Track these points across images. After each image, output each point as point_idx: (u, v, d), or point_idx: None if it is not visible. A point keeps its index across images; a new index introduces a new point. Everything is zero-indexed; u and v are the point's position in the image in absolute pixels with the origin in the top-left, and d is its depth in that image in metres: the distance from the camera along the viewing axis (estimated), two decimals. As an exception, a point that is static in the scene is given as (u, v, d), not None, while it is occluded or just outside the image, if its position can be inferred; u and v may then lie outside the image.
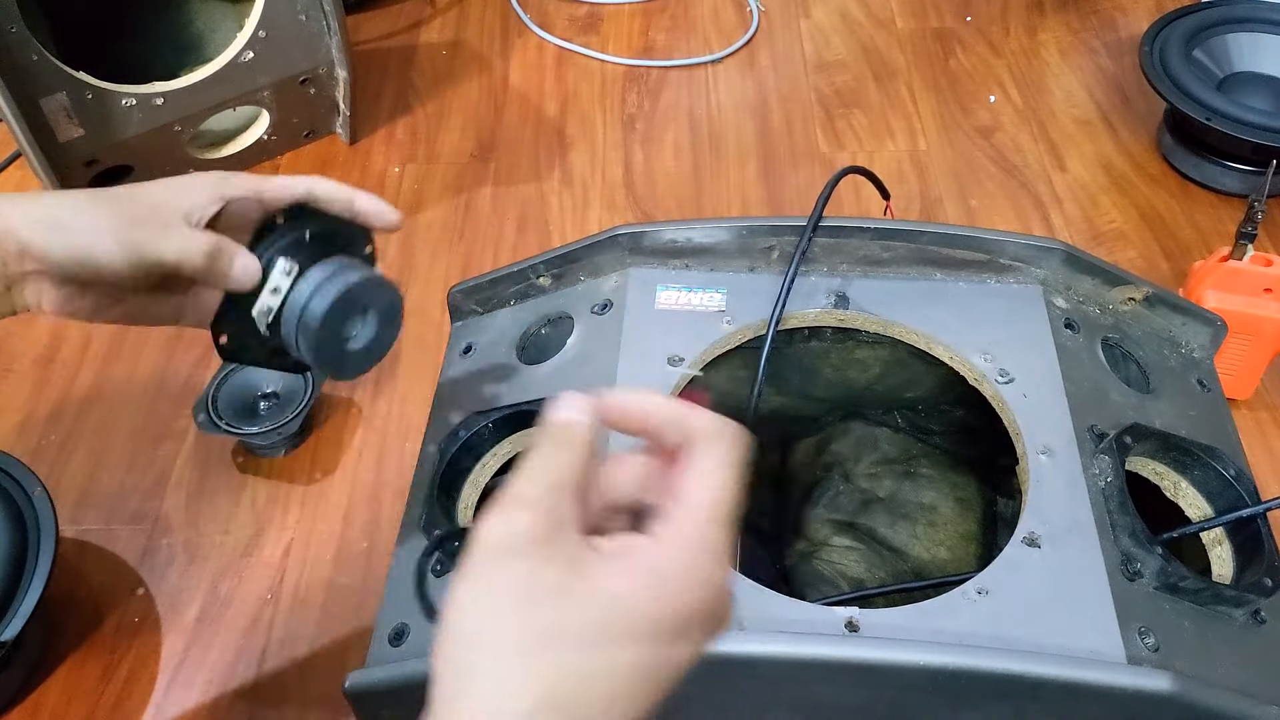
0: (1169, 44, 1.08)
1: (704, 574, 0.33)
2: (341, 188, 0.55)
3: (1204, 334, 0.68)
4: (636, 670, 0.33)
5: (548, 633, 0.32)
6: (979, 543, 0.70)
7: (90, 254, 0.49)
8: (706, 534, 0.34)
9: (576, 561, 0.33)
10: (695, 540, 0.33)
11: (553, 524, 0.33)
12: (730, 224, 0.66)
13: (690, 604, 0.33)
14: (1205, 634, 0.52)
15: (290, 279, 0.51)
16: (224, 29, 1.11)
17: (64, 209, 0.50)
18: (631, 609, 0.33)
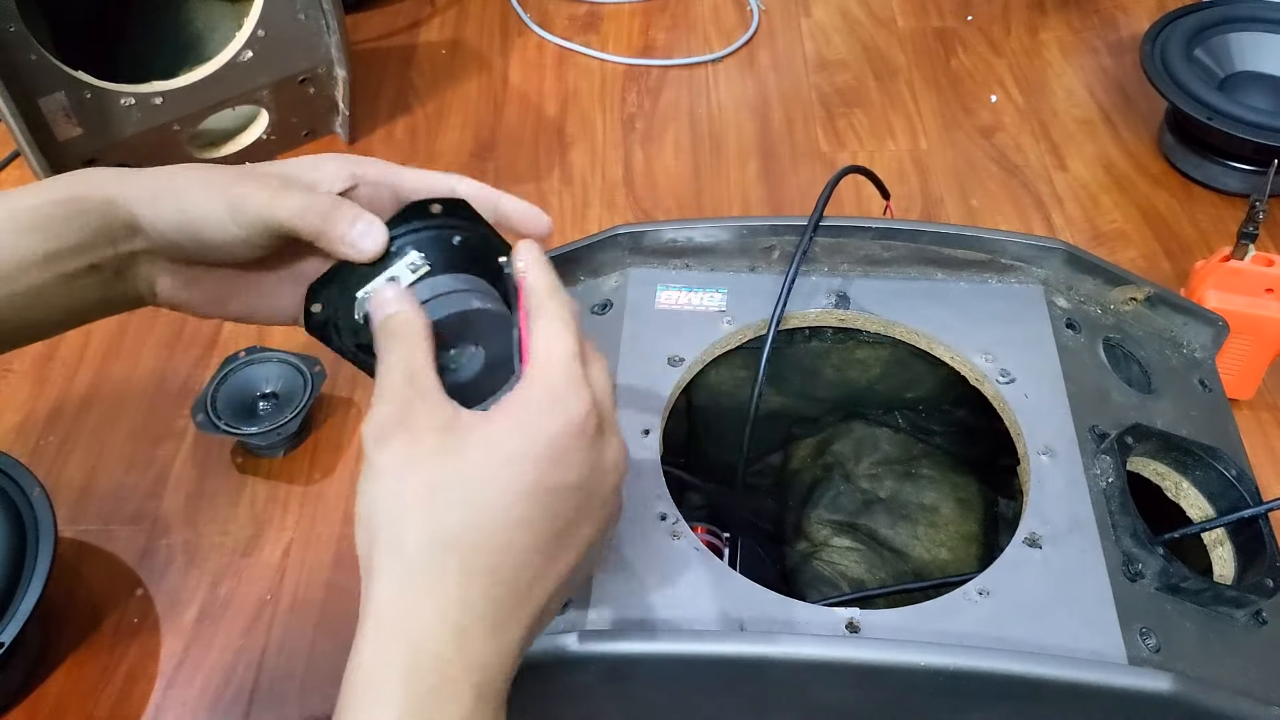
0: (1170, 43, 1.08)
1: (556, 398, 0.38)
2: (485, 188, 0.49)
3: (1205, 334, 0.68)
4: (520, 500, 0.37)
5: (431, 484, 0.37)
6: (980, 543, 0.70)
7: (201, 220, 0.45)
8: (552, 372, 0.39)
9: (445, 423, 0.38)
10: (544, 379, 0.39)
11: (413, 404, 0.39)
12: (730, 224, 0.66)
13: (553, 429, 0.38)
14: (1207, 635, 0.52)
15: (415, 275, 0.45)
16: (223, 28, 1.11)
17: (175, 177, 0.46)
18: (500, 445, 0.37)
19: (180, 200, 0.45)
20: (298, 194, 0.45)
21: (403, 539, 0.37)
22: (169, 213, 0.45)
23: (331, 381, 0.92)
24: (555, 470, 0.38)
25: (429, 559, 0.36)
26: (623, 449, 0.41)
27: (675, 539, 0.53)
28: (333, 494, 0.85)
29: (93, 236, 0.44)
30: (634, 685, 0.52)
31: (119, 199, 0.45)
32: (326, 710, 0.72)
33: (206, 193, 0.45)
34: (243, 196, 0.44)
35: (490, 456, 0.38)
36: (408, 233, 0.45)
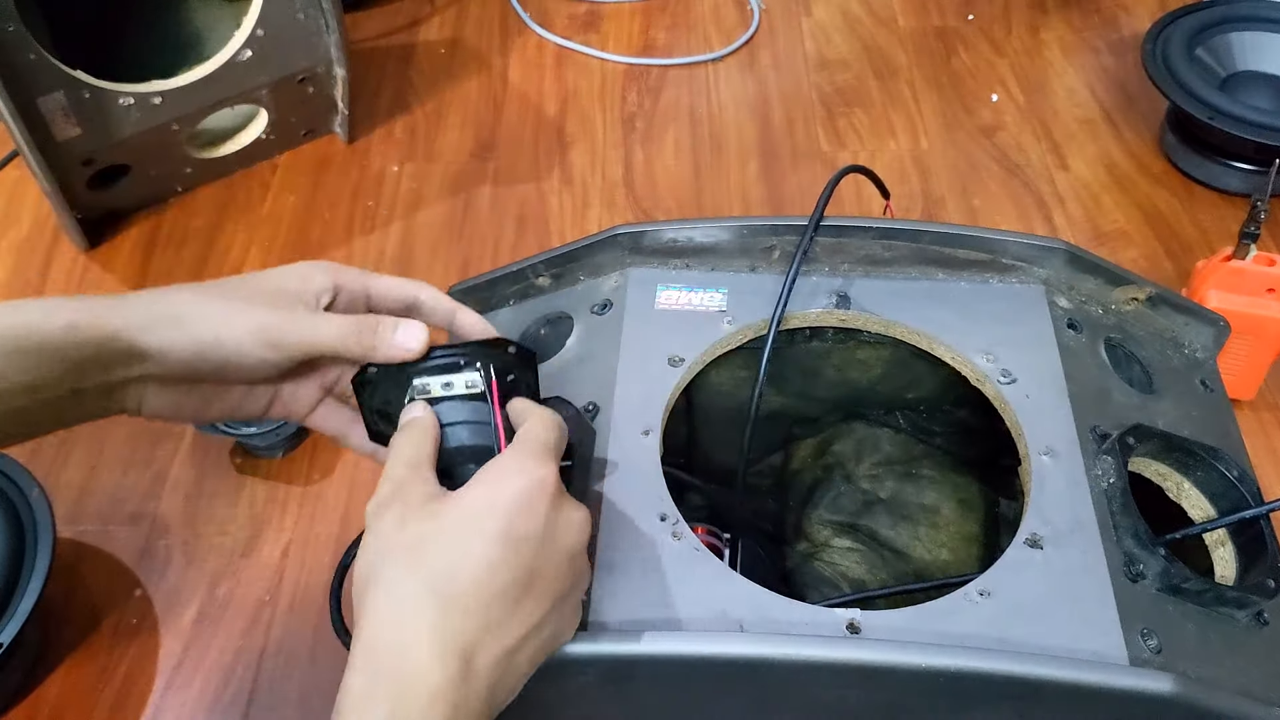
0: (1171, 43, 1.08)
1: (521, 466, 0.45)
2: (444, 299, 0.54)
3: (1207, 334, 0.67)
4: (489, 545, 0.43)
5: (420, 540, 0.43)
6: (981, 544, 0.70)
7: (219, 346, 0.48)
8: (522, 448, 0.46)
9: (433, 494, 0.45)
10: (516, 452, 0.46)
11: (409, 483, 0.46)
12: (731, 223, 0.66)
13: (516, 486, 0.44)
14: (1208, 635, 0.52)
15: (466, 391, 0.50)
16: (222, 28, 1.11)
17: (182, 304, 0.48)
18: (474, 502, 0.44)
19: (196, 330, 0.48)
20: (335, 320, 0.50)
21: (392, 582, 0.43)
22: (183, 341, 0.48)
23: (331, 381, 0.92)
24: (519, 520, 0.44)
25: (414, 598, 0.42)
26: (586, 517, 0.47)
27: (675, 539, 0.53)
28: (331, 495, 0.85)
29: (85, 368, 0.47)
30: (634, 685, 0.52)
31: (122, 331, 0.47)
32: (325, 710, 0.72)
33: (229, 323, 0.48)
34: (278, 328, 0.49)
35: (465, 512, 0.44)
36: (480, 357, 0.50)
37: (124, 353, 0.47)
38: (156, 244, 1.05)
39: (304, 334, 0.49)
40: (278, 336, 0.49)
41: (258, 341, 0.48)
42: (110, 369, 0.47)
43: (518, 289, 0.69)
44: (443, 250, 1.05)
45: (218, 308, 0.48)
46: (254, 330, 0.48)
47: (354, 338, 0.50)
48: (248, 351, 0.48)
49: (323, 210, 1.09)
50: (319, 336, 0.49)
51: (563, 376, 0.62)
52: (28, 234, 1.07)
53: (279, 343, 0.49)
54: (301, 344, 0.49)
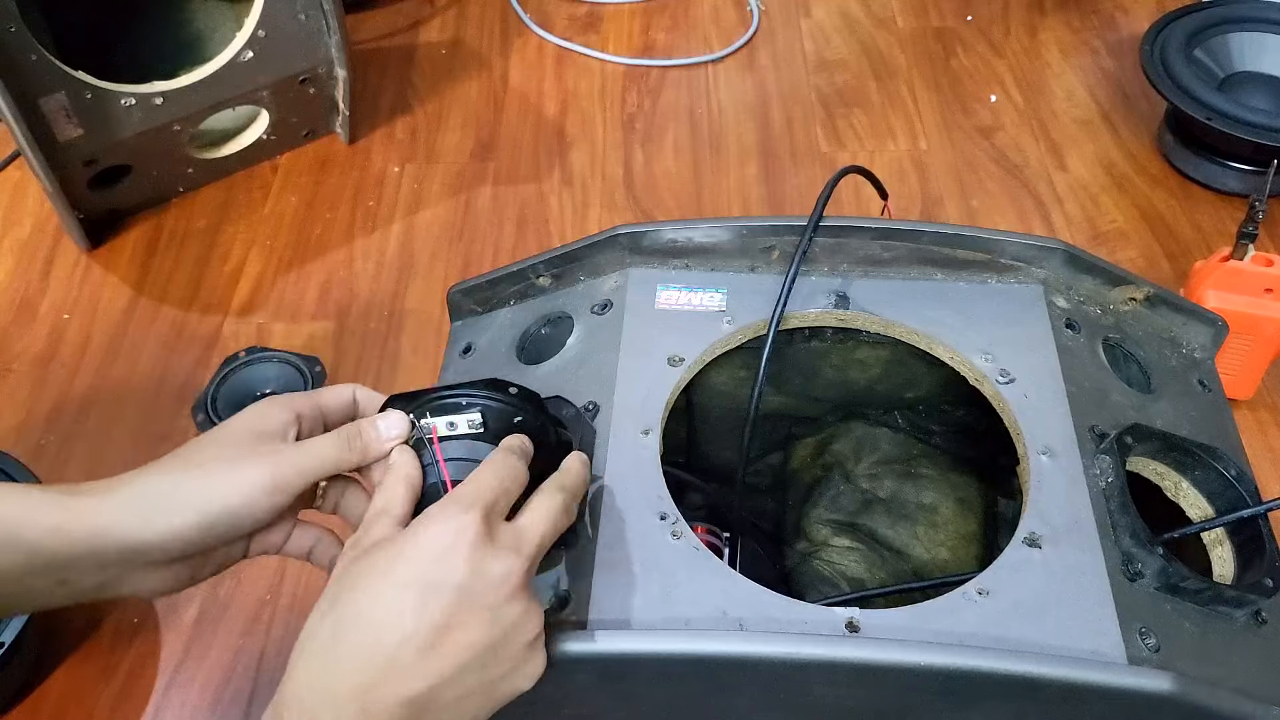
0: (1170, 43, 1.08)
1: (443, 514, 0.45)
2: (374, 395, 0.55)
3: (1205, 334, 0.68)
4: (395, 591, 0.43)
5: (341, 584, 0.44)
6: (980, 543, 0.70)
7: (228, 513, 0.48)
8: (450, 498, 0.46)
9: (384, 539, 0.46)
10: (444, 502, 0.46)
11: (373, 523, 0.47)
12: (730, 224, 0.66)
13: (432, 530, 0.44)
14: (1206, 634, 0.52)
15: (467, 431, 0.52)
16: (223, 28, 1.11)
17: (173, 484, 0.48)
18: (392, 546, 0.44)
19: (199, 504, 0.47)
20: (324, 441, 0.51)
21: (309, 628, 0.45)
22: (189, 521, 0.47)
23: (331, 381, 0.92)
24: (432, 567, 0.43)
25: (320, 638, 0.44)
26: (513, 568, 0.45)
27: (675, 539, 0.53)
28: (333, 494, 0.85)
29: (76, 565, 0.46)
30: (634, 684, 0.52)
31: (112, 528, 0.46)
32: (326, 710, 0.72)
33: (232, 486, 0.48)
34: (278, 472, 0.49)
35: (387, 556, 0.44)
36: (482, 399, 0.51)
37: (117, 548, 0.46)
38: (158, 244, 1.06)
39: (303, 465, 0.50)
40: (281, 481, 0.49)
41: (264, 491, 0.48)
42: (105, 566, 0.47)
43: (518, 289, 0.69)
44: (443, 250, 1.05)
45: (214, 476, 0.48)
46: (257, 482, 0.48)
47: (347, 448, 0.51)
48: (258, 503, 0.48)
49: (323, 211, 1.09)
50: (319, 461, 0.50)
51: (563, 376, 0.62)
52: (29, 234, 1.07)
53: (284, 485, 0.49)
54: (304, 475, 0.50)
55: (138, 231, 1.07)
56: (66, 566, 0.46)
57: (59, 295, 1.01)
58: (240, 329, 0.98)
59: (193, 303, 1.00)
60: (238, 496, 0.48)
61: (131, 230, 1.07)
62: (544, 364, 0.64)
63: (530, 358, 0.65)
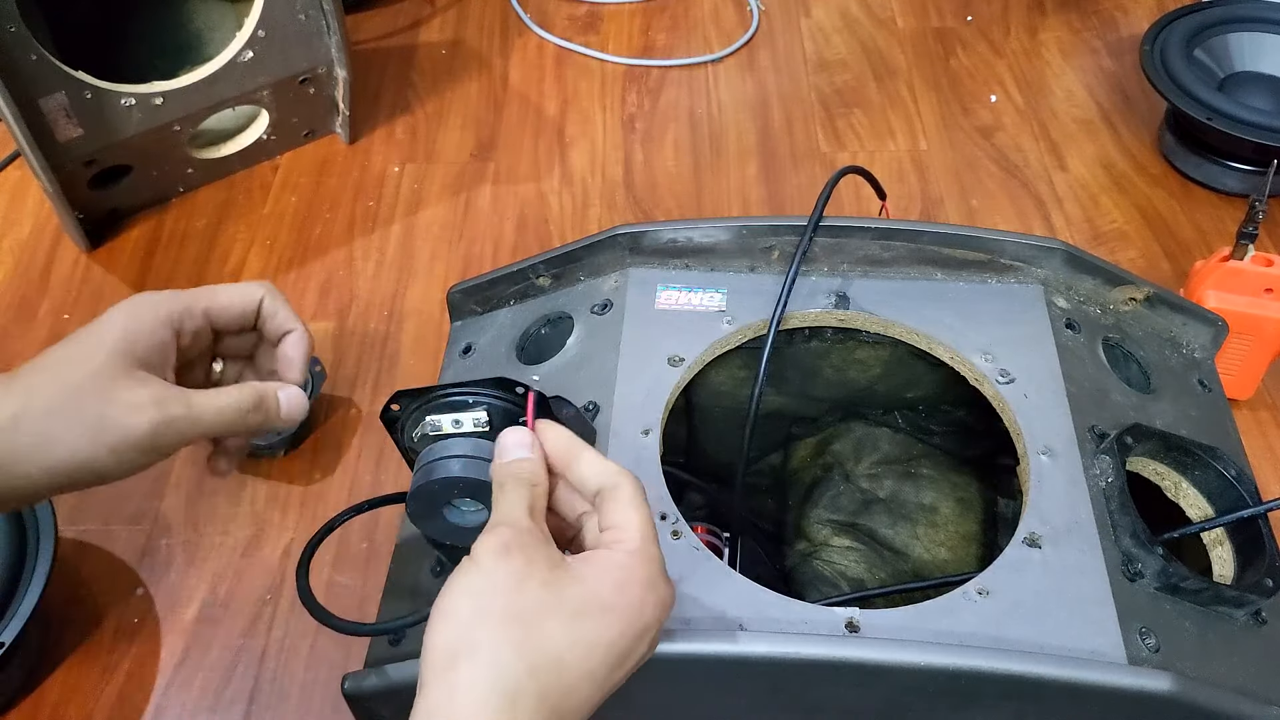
0: (1170, 43, 1.08)
1: (654, 579, 0.42)
2: (282, 307, 0.52)
3: (1205, 334, 0.68)
4: (603, 645, 0.40)
5: (535, 612, 0.39)
6: (980, 543, 0.70)
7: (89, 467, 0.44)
8: (649, 549, 0.42)
9: (556, 563, 0.41)
10: (644, 554, 0.42)
11: (534, 536, 0.42)
12: (730, 224, 0.66)
13: (647, 601, 0.41)
14: (1206, 634, 0.52)
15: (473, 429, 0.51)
16: (223, 28, 1.11)
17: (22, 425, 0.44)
18: (599, 595, 0.40)
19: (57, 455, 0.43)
20: (213, 402, 0.46)
21: (500, 651, 0.38)
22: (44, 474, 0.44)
23: (331, 381, 0.92)
24: (636, 641, 0.41)
25: (518, 681, 0.38)
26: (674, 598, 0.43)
27: (675, 539, 0.53)
28: (333, 494, 0.85)
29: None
30: (634, 685, 0.52)
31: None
32: (325, 710, 0.72)
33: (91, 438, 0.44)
34: (153, 430, 0.44)
35: (592, 606, 0.40)
36: (488, 397, 0.51)
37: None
38: (158, 244, 1.06)
39: (188, 429, 0.45)
40: (161, 442, 0.44)
41: (140, 450, 0.44)
42: None
43: (518, 289, 0.69)
44: (443, 250, 1.05)
45: (86, 413, 0.44)
46: (133, 440, 0.44)
47: (241, 419, 0.47)
48: (129, 463, 0.44)
49: (323, 210, 1.09)
50: (201, 424, 0.46)
51: (563, 376, 0.62)
52: (29, 234, 1.07)
53: (162, 446, 0.45)
54: (186, 438, 0.45)
55: (138, 231, 1.07)
56: None
57: (59, 295, 1.01)
58: (240, 329, 0.98)
59: (193, 303, 1.00)
60: (107, 453, 0.44)
61: (131, 230, 1.07)
62: (544, 364, 0.64)
63: (530, 358, 0.65)
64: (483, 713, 0.37)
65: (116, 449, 0.44)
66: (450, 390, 0.52)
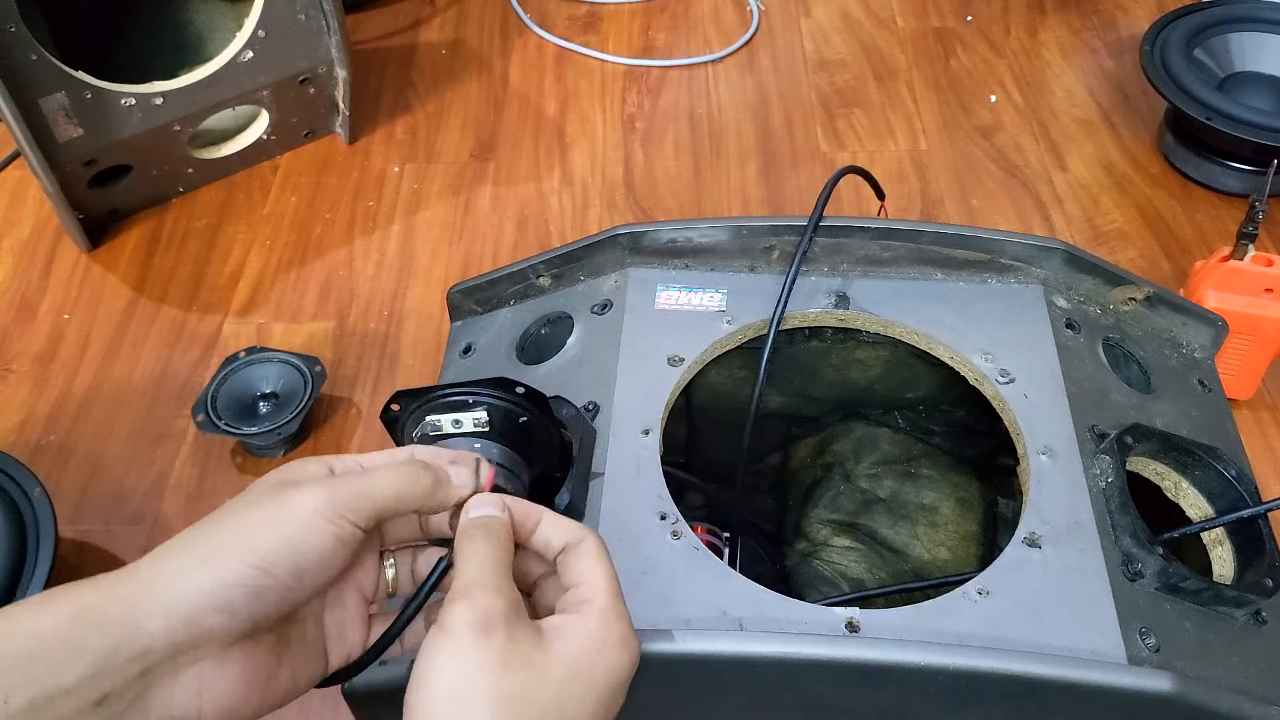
0: (1170, 43, 1.08)
1: (625, 635, 0.42)
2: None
3: (1205, 334, 0.68)
4: (588, 711, 0.40)
5: (526, 693, 0.38)
6: (980, 543, 0.70)
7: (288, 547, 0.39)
8: (618, 606, 0.42)
9: (536, 635, 0.40)
10: (614, 612, 0.42)
11: (512, 605, 0.40)
12: (730, 224, 0.66)
13: (622, 660, 0.42)
14: (1206, 634, 0.52)
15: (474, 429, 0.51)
16: (223, 28, 1.11)
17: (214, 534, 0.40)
18: (580, 665, 0.40)
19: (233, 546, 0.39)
20: (385, 469, 0.43)
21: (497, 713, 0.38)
22: (224, 568, 0.38)
23: (331, 382, 0.92)
24: (616, 699, 0.42)
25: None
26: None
27: (675, 539, 0.53)
28: (333, 494, 0.85)
29: (105, 662, 0.35)
30: (633, 685, 0.52)
31: (145, 596, 0.37)
32: (325, 710, 0.72)
33: (276, 515, 0.40)
34: (332, 491, 0.41)
35: (575, 678, 0.40)
36: (489, 397, 0.51)
37: (163, 618, 0.36)
38: (158, 244, 1.06)
39: (366, 490, 0.41)
40: (341, 504, 0.41)
41: (323, 516, 0.40)
42: (148, 656, 0.36)
43: (518, 289, 0.69)
44: (443, 250, 1.05)
45: (260, 510, 0.40)
46: (312, 507, 0.40)
47: (416, 478, 0.43)
48: (319, 531, 0.40)
49: (323, 211, 1.09)
50: (387, 487, 0.42)
51: (563, 376, 0.62)
52: (29, 234, 1.07)
53: (345, 510, 0.41)
54: (370, 500, 0.41)
55: (138, 231, 1.07)
56: (99, 670, 0.35)
57: (59, 295, 1.01)
58: (240, 329, 0.98)
59: (193, 303, 1.00)
60: (293, 525, 0.40)
61: (131, 230, 1.07)
62: (544, 364, 0.64)
63: (530, 358, 0.65)
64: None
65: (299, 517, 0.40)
66: (450, 390, 0.52)
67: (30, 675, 0.34)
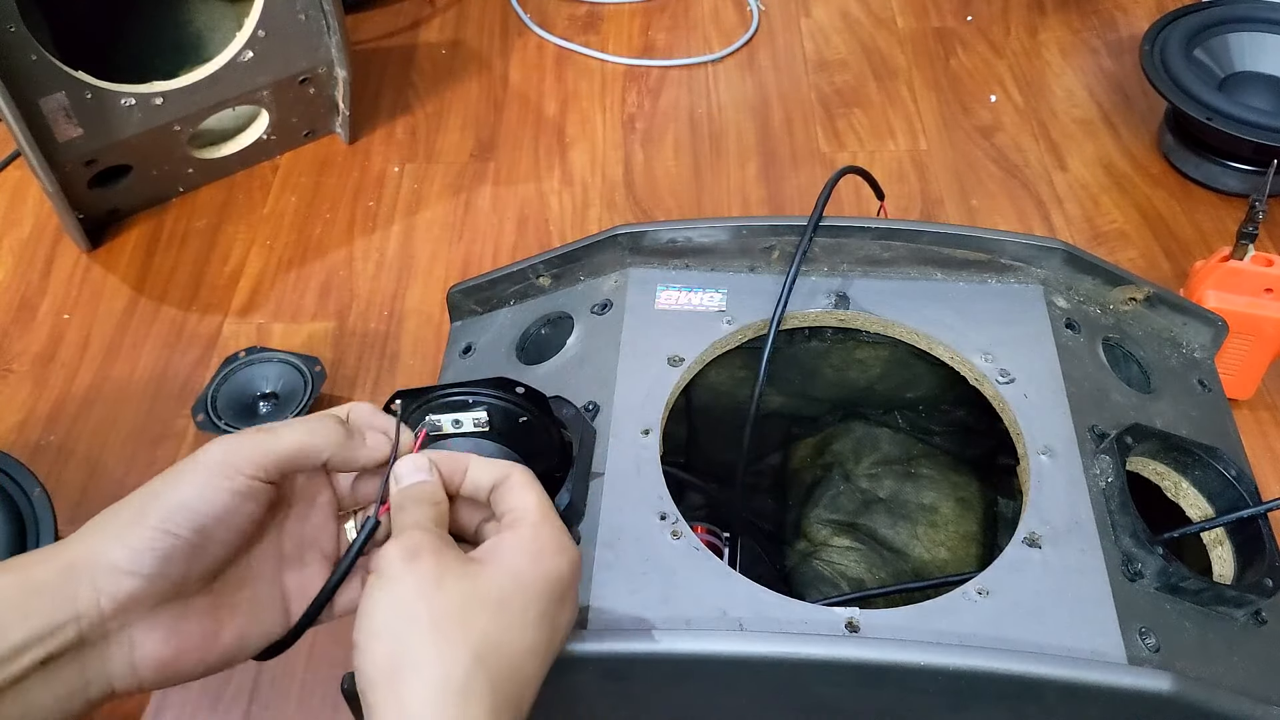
0: (1170, 43, 1.08)
1: (560, 542, 0.43)
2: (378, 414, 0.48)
3: (1205, 334, 0.68)
4: (533, 620, 0.41)
5: (464, 607, 0.39)
6: (980, 543, 0.70)
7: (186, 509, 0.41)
8: (550, 519, 0.44)
9: (467, 559, 0.42)
10: (546, 523, 0.43)
11: (442, 539, 0.42)
12: (730, 224, 0.66)
13: (560, 564, 0.42)
14: (1206, 634, 0.52)
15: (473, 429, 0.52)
16: (223, 28, 1.11)
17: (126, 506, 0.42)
18: (516, 573, 0.41)
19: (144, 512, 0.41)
20: (293, 423, 0.44)
21: (441, 653, 0.38)
22: (137, 534, 0.40)
23: (331, 381, 0.92)
24: (562, 605, 0.42)
25: (466, 676, 0.38)
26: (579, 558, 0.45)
27: (675, 539, 0.53)
28: (333, 494, 0.85)
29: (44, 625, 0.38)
30: (633, 684, 0.52)
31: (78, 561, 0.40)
32: (325, 710, 0.72)
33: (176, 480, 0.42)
34: (227, 447, 0.42)
35: (513, 585, 0.41)
36: (489, 397, 0.52)
37: (90, 582, 0.39)
38: (158, 244, 1.06)
39: (269, 444, 0.42)
40: (236, 458, 0.42)
41: (218, 473, 0.41)
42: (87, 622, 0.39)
43: (518, 289, 0.69)
44: (443, 250, 1.05)
45: (166, 480, 0.42)
46: (210, 464, 0.41)
47: (324, 430, 0.44)
48: (214, 488, 0.41)
49: (323, 211, 1.09)
50: (291, 442, 0.43)
51: (563, 376, 0.62)
52: (29, 234, 1.07)
53: (241, 464, 0.42)
54: (270, 455, 0.42)
55: (138, 231, 1.07)
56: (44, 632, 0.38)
57: (59, 295, 1.01)
58: (240, 329, 0.98)
59: (193, 303, 1.00)
60: (188, 485, 0.41)
61: (131, 230, 1.07)
62: (544, 364, 0.64)
63: (530, 358, 0.65)
64: (440, 716, 0.37)
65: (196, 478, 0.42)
66: (450, 390, 0.52)
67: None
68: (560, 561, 0.42)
